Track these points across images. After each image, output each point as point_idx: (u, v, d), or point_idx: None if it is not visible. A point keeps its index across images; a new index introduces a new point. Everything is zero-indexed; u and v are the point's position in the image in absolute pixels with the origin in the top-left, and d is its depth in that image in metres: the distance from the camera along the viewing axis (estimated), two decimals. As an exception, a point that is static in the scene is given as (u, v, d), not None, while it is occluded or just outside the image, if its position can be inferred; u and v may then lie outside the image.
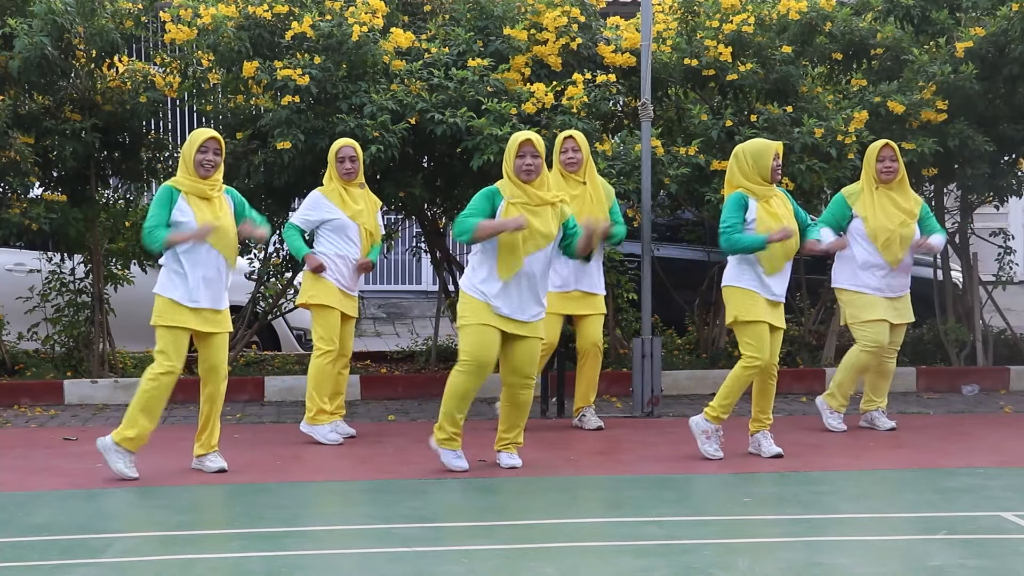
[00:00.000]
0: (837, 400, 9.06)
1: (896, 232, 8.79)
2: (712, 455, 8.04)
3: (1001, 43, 10.31)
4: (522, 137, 7.52)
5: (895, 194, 8.85)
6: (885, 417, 9.16)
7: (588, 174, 8.81)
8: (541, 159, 7.50)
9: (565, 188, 8.67)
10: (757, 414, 8.20)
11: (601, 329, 9.04)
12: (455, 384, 7.56)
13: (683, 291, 11.41)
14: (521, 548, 6.16)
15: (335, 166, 8.67)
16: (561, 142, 8.80)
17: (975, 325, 11.32)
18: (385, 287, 17.03)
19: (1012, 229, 13.45)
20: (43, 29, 9.72)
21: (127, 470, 7.48)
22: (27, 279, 11.03)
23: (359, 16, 9.81)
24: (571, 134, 8.82)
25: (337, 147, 8.72)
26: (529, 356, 7.61)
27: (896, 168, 8.83)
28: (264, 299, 11.10)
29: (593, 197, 8.76)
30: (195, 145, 7.49)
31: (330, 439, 8.59)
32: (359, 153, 8.76)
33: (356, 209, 8.66)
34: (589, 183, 8.79)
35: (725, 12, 10.61)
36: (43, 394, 10.25)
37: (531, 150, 7.46)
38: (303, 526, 6.66)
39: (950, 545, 6.16)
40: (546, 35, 10.24)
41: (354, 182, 8.71)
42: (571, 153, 8.74)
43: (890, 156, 8.83)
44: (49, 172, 10.61)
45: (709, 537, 6.42)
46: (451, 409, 7.60)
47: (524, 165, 7.45)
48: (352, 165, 8.67)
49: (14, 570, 5.79)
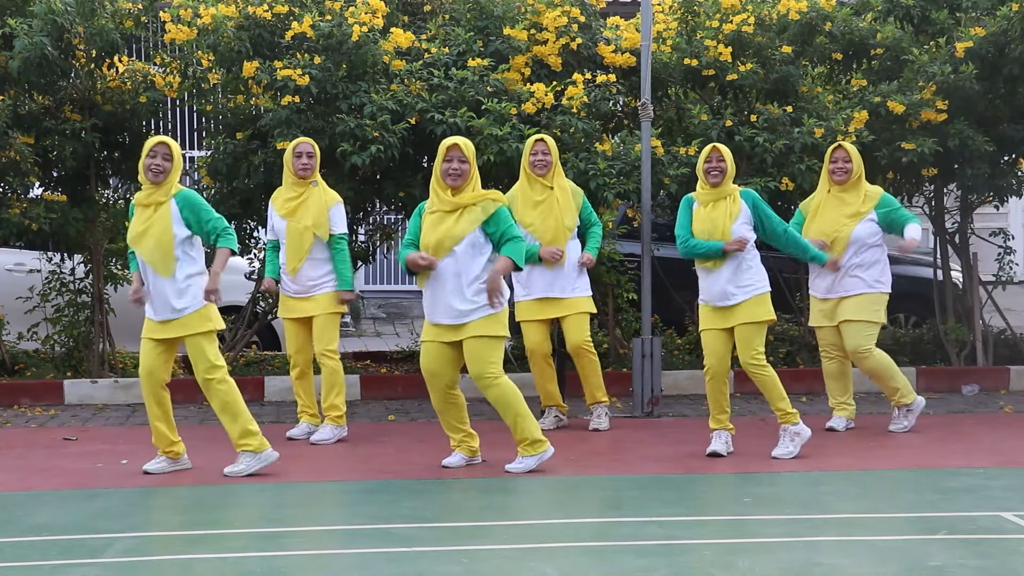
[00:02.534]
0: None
1: (831, 236, 8.76)
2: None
3: (1001, 43, 10.31)
4: (451, 142, 7.46)
5: (846, 195, 8.79)
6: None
7: (556, 178, 8.81)
8: (469, 164, 7.44)
9: (529, 192, 8.70)
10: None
11: (585, 330, 8.92)
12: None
13: (683, 291, 11.39)
14: (521, 548, 6.15)
15: (291, 162, 8.62)
16: (532, 144, 8.79)
17: (975, 325, 11.32)
18: (385, 287, 17.05)
19: (1012, 229, 13.44)
20: (43, 29, 9.72)
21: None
22: (27, 279, 11.03)
23: (359, 16, 9.81)
24: (542, 137, 8.85)
25: (295, 143, 8.69)
26: (471, 357, 7.49)
27: (849, 169, 8.76)
28: (264, 299, 11.10)
29: (560, 201, 8.77)
30: (145, 151, 7.41)
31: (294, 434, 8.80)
32: (316, 151, 8.71)
33: (289, 207, 8.58)
34: (556, 187, 8.80)
35: (725, 12, 10.61)
36: (43, 394, 10.25)
37: (458, 155, 7.41)
38: (303, 526, 6.66)
39: (950, 545, 6.16)
40: (546, 35, 10.24)
41: (307, 179, 8.63)
42: (540, 155, 8.76)
43: (843, 157, 8.79)
44: (49, 172, 10.62)
45: (709, 537, 6.42)
46: (440, 422, 7.85)
47: (449, 169, 7.41)
48: (309, 161, 8.61)
49: (14, 570, 5.79)
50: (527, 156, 8.80)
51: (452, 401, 7.69)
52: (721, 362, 8.13)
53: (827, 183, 8.87)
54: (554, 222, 8.73)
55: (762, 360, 8.07)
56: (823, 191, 8.89)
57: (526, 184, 8.79)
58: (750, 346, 8.05)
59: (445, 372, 7.60)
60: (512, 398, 7.57)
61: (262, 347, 11.87)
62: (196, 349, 7.50)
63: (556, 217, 8.73)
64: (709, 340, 8.16)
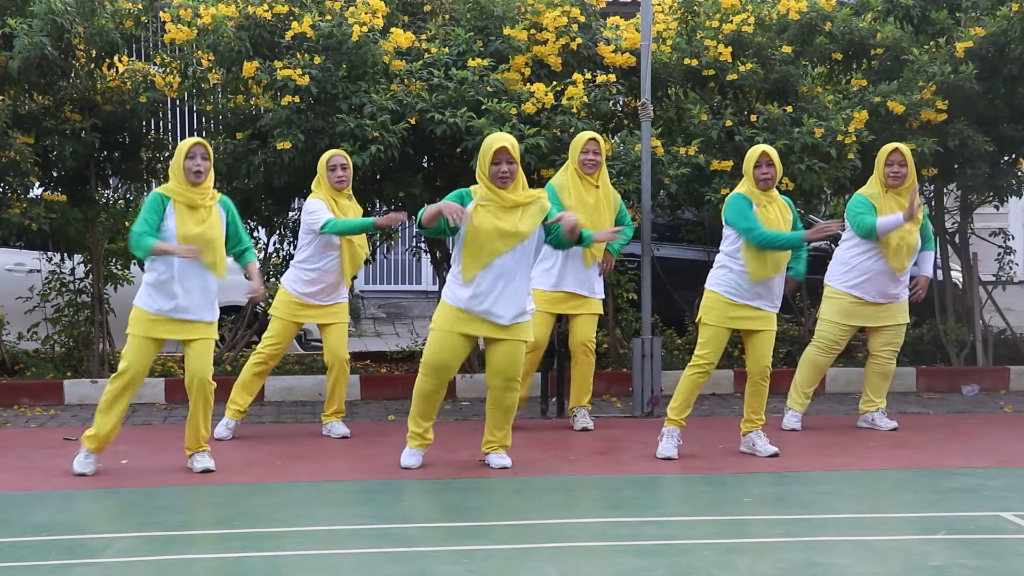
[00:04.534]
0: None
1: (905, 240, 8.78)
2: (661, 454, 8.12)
3: (1001, 43, 10.31)
4: (498, 144, 7.40)
5: (903, 199, 8.78)
6: (886, 417, 9.16)
7: (601, 178, 8.82)
8: (516, 164, 7.44)
9: (580, 190, 8.68)
10: (749, 415, 8.21)
11: (593, 330, 8.97)
12: (416, 386, 7.72)
13: (683, 291, 11.40)
14: (521, 548, 6.16)
15: (326, 175, 8.65)
16: (584, 143, 8.76)
17: (975, 325, 11.32)
18: (385, 287, 17.04)
19: (1012, 229, 13.44)
20: (43, 29, 9.72)
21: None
22: (27, 279, 11.03)
23: (359, 16, 9.81)
24: (595, 136, 8.83)
25: (328, 156, 8.72)
26: (509, 358, 7.55)
27: (904, 174, 8.75)
28: (264, 299, 11.08)
29: (605, 203, 8.78)
30: (183, 153, 7.46)
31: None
32: (349, 162, 8.77)
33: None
34: (602, 187, 8.80)
35: (725, 12, 10.61)
36: (43, 394, 10.25)
37: (507, 156, 7.39)
38: (303, 526, 6.66)
39: (950, 545, 6.16)
40: (546, 35, 10.24)
41: (343, 191, 8.69)
42: (591, 155, 8.74)
43: (899, 161, 8.78)
44: (49, 172, 10.62)
45: (709, 537, 6.42)
46: (414, 410, 7.78)
47: (500, 172, 7.38)
48: (344, 173, 8.66)
49: (14, 570, 5.79)
50: (577, 153, 8.76)
51: (443, 391, 7.73)
52: (717, 359, 8.16)
53: (882, 184, 8.79)
54: (601, 223, 8.69)
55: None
56: (882, 192, 8.77)
57: (577, 181, 8.74)
58: (768, 353, 8.12)
59: (455, 367, 7.64)
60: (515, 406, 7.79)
61: (262, 347, 11.86)
62: (211, 353, 7.63)
63: (603, 218, 8.72)
64: (720, 337, 8.10)
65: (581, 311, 8.89)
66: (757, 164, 7.97)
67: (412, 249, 12.24)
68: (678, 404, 8.16)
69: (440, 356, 7.55)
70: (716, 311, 8.07)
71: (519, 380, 7.67)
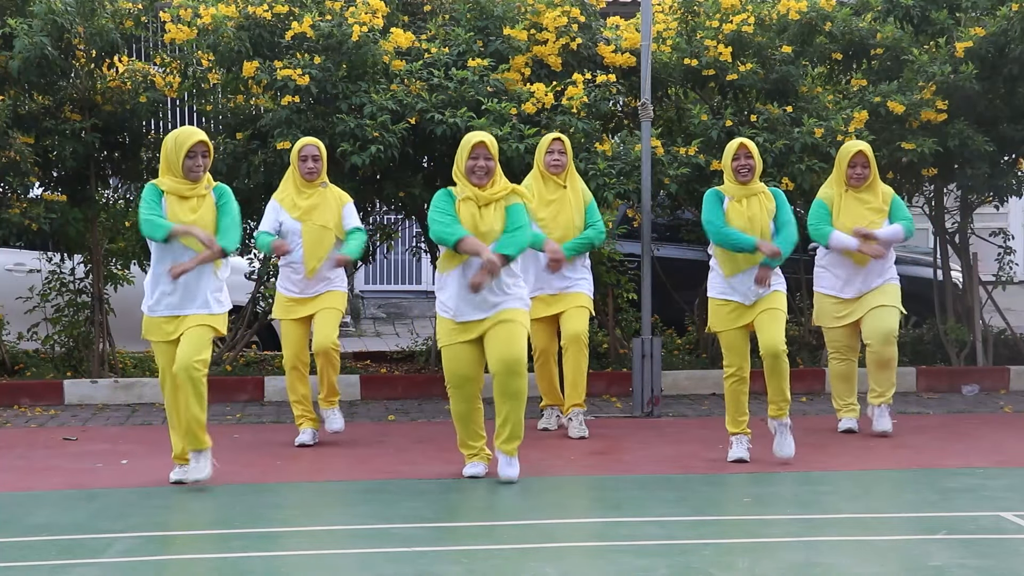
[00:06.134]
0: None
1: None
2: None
3: (1001, 43, 10.31)
4: (476, 139, 7.38)
5: (864, 195, 8.75)
6: (886, 418, 9.05)
7: (569, 178, 8.80)
8: (494, 161, 7.40)
9: (543, 190, 8.67)
10: (771, 398, 8.02)
11: (582, 322, 8.79)
12: (451, 411, 7.59)
13: (683, 291, 11.40)
14: (521, 548, 6.16)
15: (297, 165, 8.48)
16: (548, 143, 8.75)
17: (975, 325, 11.31)
18: (385, 287, 17.04)
19: (1012, 229, 13.41)
20: (43, 29, 9.72)
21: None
22: (27, 279, 11.02)
23: (359, 16, 9.81)
24: (559, 136, 8.81)
25: (300, 145, 8.52)
26: (504, 340, 7.31)
27: (867, 175, 8.71)
28: (264, 299, 11.09)
29: (572, 202, 8.75)
30: (183, 150, 7.21)
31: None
32: (323, 152, 8.55)
33: (304, 209, 8.42)
34: (569, 187, 8.78)
35: (725, 12, 10.61)
36: (43, 394, 10.25)
37: (484, 152, 7.35)
38: (303, 526, 6.66)
39: (950, 545, 6.16)
40: (546, 35, 10.24)
41: (315, 182, 8.48)
42: (556, 155, 8.73)
43: (862, 163, 8.73)
44: (49, 172, 10.62)
45: (709, 537, 6.42)
46: (459, 435, 7.63)
47: (475, 166, 7.35)
48: (315, 165, 8.45)
49: (14, 570, 5.79)
50: (542, 154, 8.75)
51: (477, 406, 7.54)
52: (745, 361, 8.03)
53: (842, 184, 8.77)
54: (565, 220, 8.68)
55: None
56: (840, 192, 8.77)
57: (540, 182, 8.74)
58: (775, 333, 7.89)
59: (476, 374, 7.47)
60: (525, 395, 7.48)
61: (262, 347, 11.87)
62: (203, 339, 7.30)
63: (567, 216, 8.68)
64: (733, 339, 8.03)
65: (567, 305, 8.80)
66: (736, 156, 7.94)
67: (412, 249, 12.22)
68: (727, 417, 8.08)
69: (453, 369, 7.45)
70: (716, 316, 8.07)
71: (523, 364, 7.33)
